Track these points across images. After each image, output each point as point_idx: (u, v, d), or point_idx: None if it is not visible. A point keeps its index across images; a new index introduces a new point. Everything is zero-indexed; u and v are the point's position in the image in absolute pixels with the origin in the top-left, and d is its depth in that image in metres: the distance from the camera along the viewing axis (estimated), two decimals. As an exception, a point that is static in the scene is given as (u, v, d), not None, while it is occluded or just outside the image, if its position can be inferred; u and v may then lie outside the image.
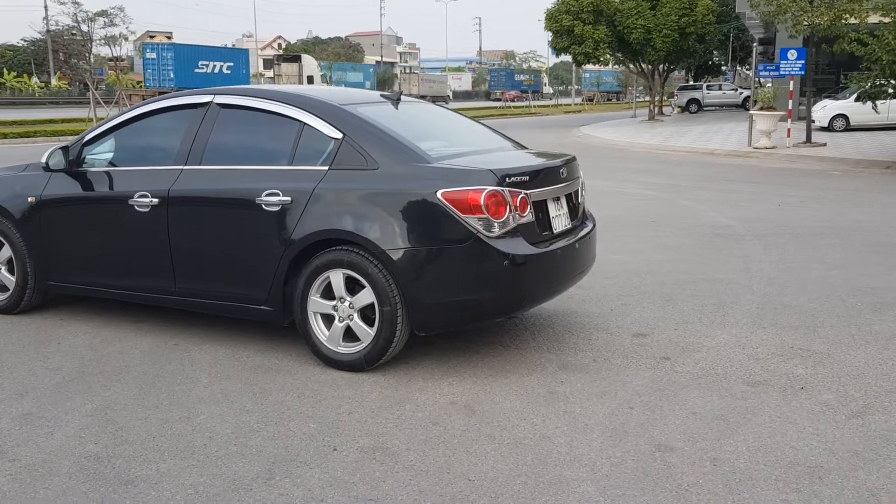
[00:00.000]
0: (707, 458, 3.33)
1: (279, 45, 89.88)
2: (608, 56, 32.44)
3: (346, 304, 4.28)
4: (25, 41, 70.61)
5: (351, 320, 4.28)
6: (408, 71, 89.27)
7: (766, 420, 3.71)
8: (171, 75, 38.97)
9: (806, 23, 17.20)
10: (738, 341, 4.83)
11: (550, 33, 32.25)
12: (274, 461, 3.33)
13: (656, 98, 35.93)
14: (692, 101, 40.94)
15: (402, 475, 3.21)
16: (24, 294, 5.38)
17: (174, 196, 4.67)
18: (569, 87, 72.33)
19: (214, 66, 41.05)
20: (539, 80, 71.28)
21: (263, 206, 4.38)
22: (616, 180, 13.68)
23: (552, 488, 3.10)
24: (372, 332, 4.22)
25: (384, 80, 74.44)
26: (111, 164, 5.10)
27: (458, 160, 4.32)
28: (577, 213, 4.87)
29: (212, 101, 4.80)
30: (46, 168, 5.08)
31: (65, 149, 5.12)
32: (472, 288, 4.13)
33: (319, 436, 3.57)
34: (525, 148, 5.26)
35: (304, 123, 4.47)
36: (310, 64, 44.60)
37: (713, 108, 41.47)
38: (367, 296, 4.20)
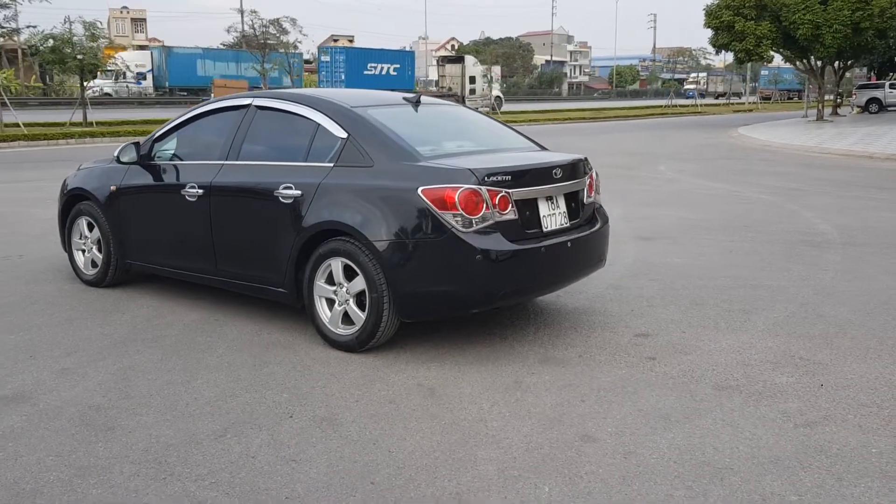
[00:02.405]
0: (621, 452, 3.44)
1: (452, 46, 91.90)
2: (771, 53, 30.84)
3: (344, 289, 4.68)
4: (224, 46, 76.72)
5: (347, 305, 4.68)
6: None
7: (708, 422, 3.74)
8: (343, 77, 41.21)
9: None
10: (739, 347, 4.78)
11: (711, 30, 31.08)
12: (233, 422, 3.78)
13: (828, 97, 33.65)
14: (872, 100, 38.04)
15: (334, 443, 3.56)
16: (108, 270, 6.19)
17: (215, 187, 5.25)
18: (744, 85, 68.91)
19: (382, 68, 42.92)
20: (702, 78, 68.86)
21: (280, 198, 4.86)
22: (736, 183, 13.22)
23: (457, 465, 3.34)
24: (364, 316, 4.59)
25: (551, 79, 74.53)
26: (173, 157, 5.78)
27: (448, 160, 4.59)
28: (580, 214, 4.99)
29: (251, 104, 5.35)
30: (117, 160, 5.85)
31: (136, 144, 5.85)
32: (447, 280, 4.40)
33: (285, 404, 3.99)
34: (545, 149, 5.42)
35: (319, 124, 4.91)
36: (472, 65, 45.42)
37: (897, 108, 38.37)
38: (359, 283, 4.58)
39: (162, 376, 4.39)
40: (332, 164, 4.76)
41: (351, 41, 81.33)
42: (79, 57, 30.08)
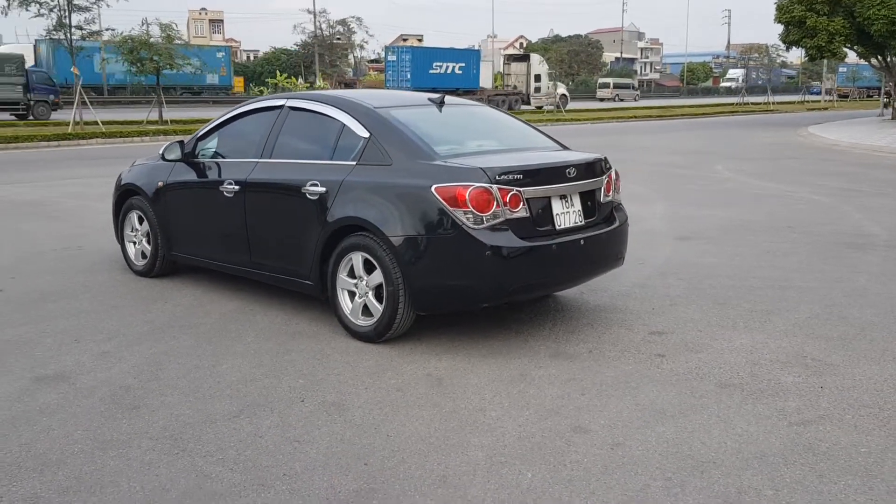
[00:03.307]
0: (610, 443, 3.55)
1: (520, 44, 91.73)
2: (844, 50, 29.90)
3: (364, 282, 4.89)
4: (297, 45, 78.28)
5: (366, 297, 4.89)
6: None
7: (702, 418, 3.81)
8: (408, 76, 41.63)
9: None
10: (752, 347, 4.81)
11: (782, 25, 30.33)
12: (248, 405, 4.03)
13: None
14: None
15: (338, 426, 3.77)
16: (155, 261, 6.56)
17: (250, 184, 5.53)
18: (820, 81, 66.81)
19: (447, 67, 43.18)
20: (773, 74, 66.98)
21: (307, 194, 5.10)
22: (792, 183, 12.99)
23: (449, 450, 3.51)
24: (381, 308, 4.79)
25: (620, 76, 73.65)
26: (214, 155, 6.09)
27: (463, 159, 4.75)
28: (596, 212, 5.08)
29: (285, 105, 5.61)
30: (162, 158, 6.19)
31: (181, 142, 6.18)
32: (458, 275, 4.56)
33: (299, 389, 4.22)
34: (566, 149, 5.53)
35: (344, 124, 5.13)
36: (537, 63, 45.33)
37: None
38: (377, 276, 4.78)
39: (191, 361, 4.67)
40: (354, 163, 4.97)
41: (420, 40, 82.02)
42: (154, 58, 31.20)
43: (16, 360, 4.69)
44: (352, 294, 4.99)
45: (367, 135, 4.98)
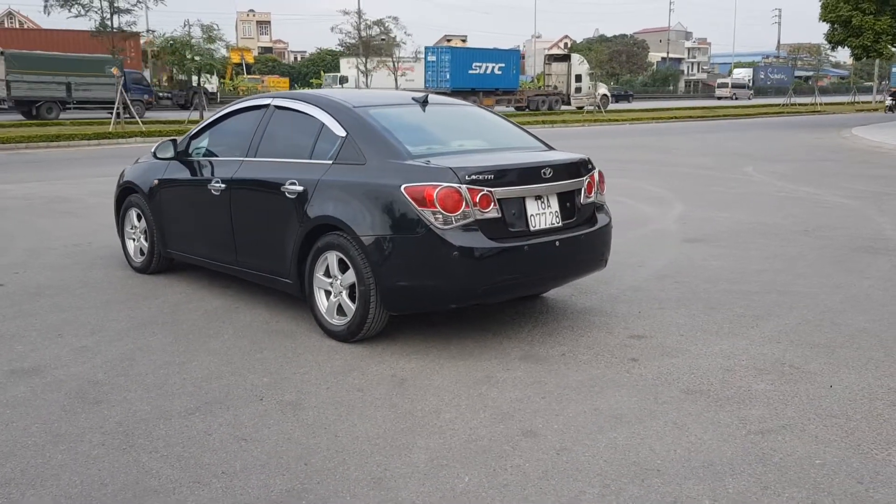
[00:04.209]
0: (556, 448, 3.48)
1: (565, 44, 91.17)
2: (890, 49, 29.06)
3: (338, 282, 4.88)
4: (342, 46, 78.95)
5: (340, 297, 4.88)
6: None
7: (659, 424, 3.71)
8: (447, 76, 41.65)
9: None
10: (731, 352, 4.68)
11: (828, 24, 29.60)
12: (207, 402, 4.04)
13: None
14: None
15: (289, 425, 3.76)
16: (152, 258, 6.64)
17: (234, 182, 5.57)
18: (876, 82, 65.08)
19: (486, 67, 43.09)
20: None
21: (287, 193, 5.11)
22: (821, 185, 12.66)
23: (392, 452, 3.47)
24: (354, 308, 4.78)
25: (665, 77, 72.66)
26: (206, 154, 6.14)
27: (436, 159, 4.70)
28: (575, 213, 5.00)
29: (270, 104, 5.63)
30: (154, 157, 6.26)
31: (173, 141, 6.25)
32: (427, 275, 4.53)
33: (261, 388, 4.22)
34: (552, 149, 5.45)
35: (323, 123, 5.13)
36: (577, 63, 44.98)
37: None
38: (350, 276, 4.77)
39: (164, 357, 4.71)
40: (331, 162, 4.97)
41: (464, 41, 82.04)
42: (196, 58, 31.71)
43: (-3, 352, 4.78)
44: (328, 293, 4.99)
45: (343, 134, 4.97)
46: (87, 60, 32.74)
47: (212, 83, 41.71)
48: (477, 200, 4.46)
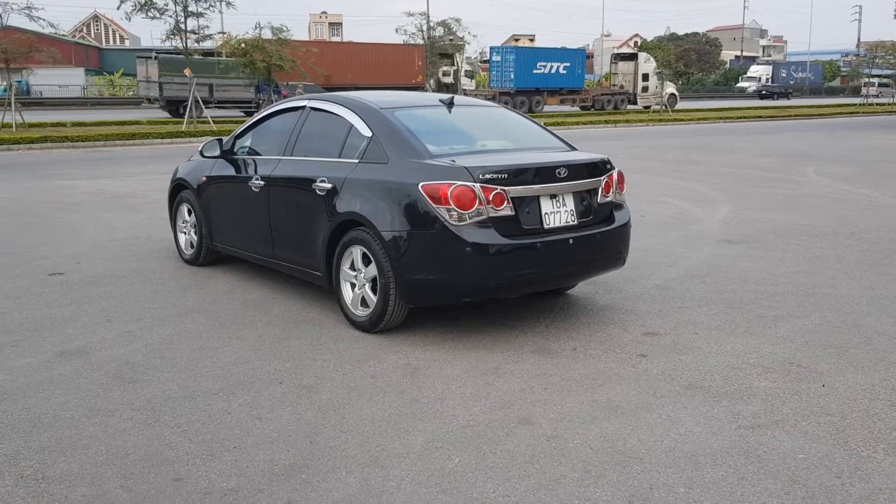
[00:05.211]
0: (548, 435, 3.65)
1: (635, 43, 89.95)
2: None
3: (362, 275, 5.13)
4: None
5: (364, 289, 5.13)
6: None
7: (652, 416, 3.84)
8: (512, 76, 41.70)
9: None
10: (741, 351, 4.75)
11: (905, 22, 28.58)
12: (231, 384, 4.34)
13: None
14: None
15: (302, 407, 4.02)
16: (200, 251, 7.03)
17: (272, 179, 5.88)
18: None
19: (551, 67, 42.96)
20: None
21: (317, 190, 5.38)
22: (880, 188, 12.39)
23: (393, 434, 3.69)
24: (375, 300, 5.02)
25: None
26: (249, 152, 6.48)
27: (453, 158, 4.90)
28: (591, 212, 5.13)
29: (306, 106, 5.92)
30: (201, 155, 6.63)
31: (219, 140, 6.61)
32: (441, 269, 4.73)
33: (283, 372, 4.50)
34: (574, 150, 5.59)
35: (352, 124, 5.39)
36: (644, 62, 44.44)
37: None
38: (373, 269, 5.02)
39: (199, 343, 5.04)
40: (357, 161, 5.22)
41: (532, 40, 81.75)
42: (266, 60, 32.56)
43: (50, 335, 5.18)
44: (353, 285, 5.25)
45: (370, 134, 5.22)
46: (224, 64, 35.06)
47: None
48: (490, 199, 4.65)
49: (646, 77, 44.07)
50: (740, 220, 9.40)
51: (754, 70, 74.70)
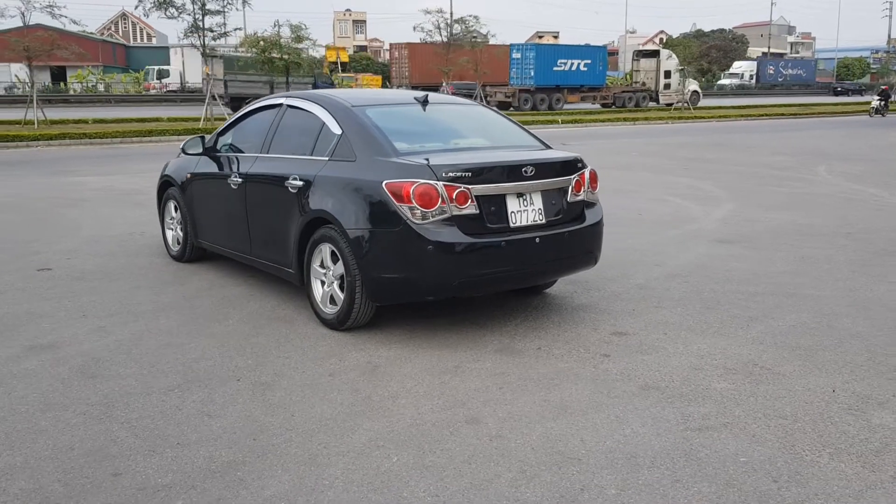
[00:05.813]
0: (491, 435, 3.63)
1: (660, 39, 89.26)
2: None
3: (331, 272, 5.14)
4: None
5: (332, 287, 5.13)
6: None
7: (600, 416, 3.81)
8: (532, 73, 41.54)
9: None
10: (706, 352, 4.70)
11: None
12: (189, 380, 4.36)
13: None
14: None
15: (254, 405, 4.03)
16: (185, 248, 7.08)
17: (249, 176, 5.91)
18: None
19: (572, 64, 42.74)
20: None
21: (290, 188, 5.39)
22: (887, 187, 12.19)
23: (337, 432, 3.69)
24: (343, 297, 5.03)
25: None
26: (230, 149, 6.51)
27: (419, 156, 4.88)
28: (561, 211, 5.09)
29: (283, 103, 5.94)
30: (183, 152, 6.68)
31: (202, 138, 6.65)
32: (405, 268, 4.72)
33: (243, 369, 4.52)
34: (548, 148, 5.55)
35: (324, 122, 5.40)
36: (666, 59, 44.05)
37: None
38: (340, 267, 5.02)
39: (167, 339, 5.07)
40: (327, 158, 5.23)
41: (556, 37, 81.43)
42: (284, 57, 32.71)
43: (25, 329, 5.25)
44: (323, 283, 5.25)
45: (339, 132, 5.22)
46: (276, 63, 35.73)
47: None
48: (454, 197, 4.63)
49: (668, 74, 43.68)
50: (738, 220, 9.29)
51: (737, 66, 72.51)
